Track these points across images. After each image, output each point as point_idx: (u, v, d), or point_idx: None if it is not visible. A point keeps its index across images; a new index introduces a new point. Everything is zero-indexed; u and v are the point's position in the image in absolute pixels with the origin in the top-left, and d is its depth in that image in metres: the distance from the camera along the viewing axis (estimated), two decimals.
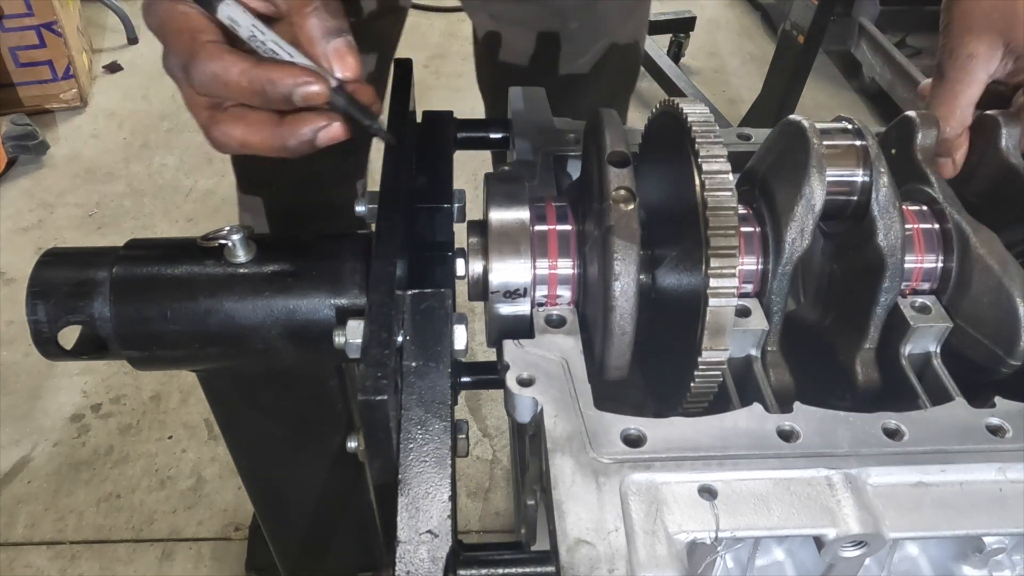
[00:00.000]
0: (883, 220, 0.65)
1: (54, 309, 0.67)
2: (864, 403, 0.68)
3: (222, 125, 0.62)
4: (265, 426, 0.88)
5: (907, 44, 3.05)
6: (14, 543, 1.78)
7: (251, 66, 0.58)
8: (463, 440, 0.61)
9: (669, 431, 0.56)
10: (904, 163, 0.73)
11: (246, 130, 0.61)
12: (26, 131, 2.74)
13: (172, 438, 1.99)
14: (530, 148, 0.82)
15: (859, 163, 0.67)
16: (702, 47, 3.57)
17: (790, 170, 0.65)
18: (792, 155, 0.65)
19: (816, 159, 0.63)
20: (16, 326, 2.21)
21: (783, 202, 0.65)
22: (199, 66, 0.59)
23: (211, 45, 0.59)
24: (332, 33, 0.59)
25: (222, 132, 0.62)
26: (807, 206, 0.63)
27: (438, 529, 0.49)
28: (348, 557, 1.05)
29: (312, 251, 0.72)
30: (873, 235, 0.66)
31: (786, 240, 0.64)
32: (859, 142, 0.67)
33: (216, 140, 0.62)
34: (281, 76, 0.58)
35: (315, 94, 0.58)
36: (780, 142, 0.67)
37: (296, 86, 0.58)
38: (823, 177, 0.63)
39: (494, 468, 1.94)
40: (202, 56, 0.59)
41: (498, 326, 0.67)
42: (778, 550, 0.61)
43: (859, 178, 0.67)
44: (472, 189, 0.67)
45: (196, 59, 0.59)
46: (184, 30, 0.60)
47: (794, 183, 0.64)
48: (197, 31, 0.59)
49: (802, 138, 0.64)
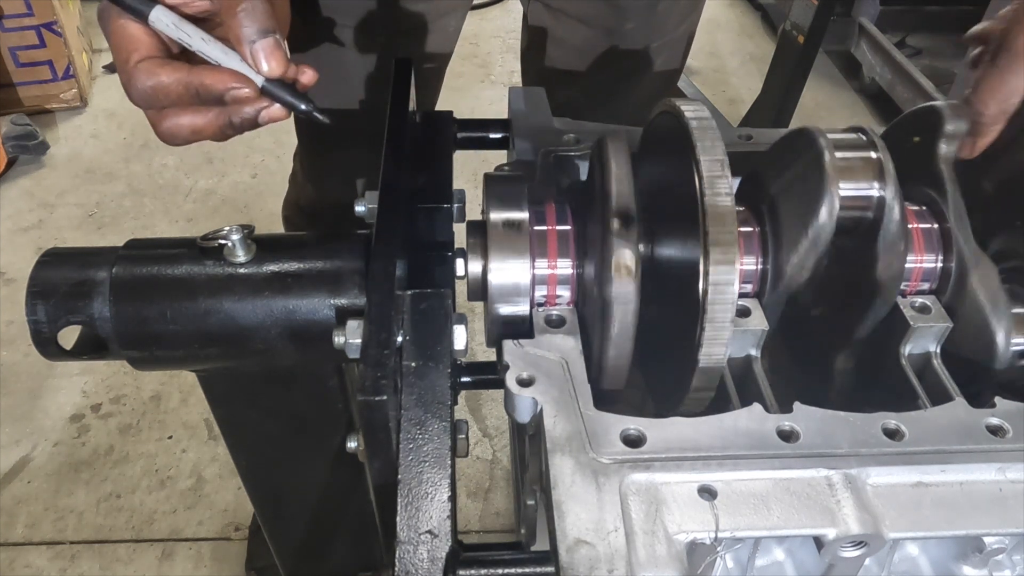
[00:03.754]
0: (885, 257, 0.65)
1: (54, 309, 0.67)
2: (840, 396, 0.69)
3: (170, 118, 0.66)
4: (265, 426, 0.88)
5: (907, 44, 3.05)
6: (14, 543, 1.78)
7: (184, 75, 0.63)
8: (463, 440, 0.61)
9: (669, 431, 0.56)
10: (922, 156, 0.71)
11: (193, 117, 0.66)
12: (26, 131, 2.74)
13: (172, 438, 1.99)
14: (530, 148, 0.82)
15: (873, 184, 0.65)
16: (702, 47, 3.57)
17: (800, 198, 0.64)
18: (803, 184, 0.64)
19: (828, 206, 0.62)
20: (16, 326, 2.21)
21: (789, 233, 0.64)
22: (135, 86, 0.64)
23: (143, 64, 0.64)
24: (259, 33, 0.63)
25: (171, 124, 0.66)
26: (812, 246, 0.63)
27: (438, 529, 0.49)
28: (348, 557, 1.05)
29: (312, 251, 0.72)
30: (872, 266, 0.66)
31: (786, 272, 0.64)
32: (874, 156, 0.66)
33: (167, 132, 0.67)
34: (213, 82, 0.63)
35: (244, 96, 0.63)
36: (794, 161, 0.65)
37: (227, 90, 0.63)
38: (833, 219, 0.62)
39: (494, 468, 1.94)
40: (136, 78, 0.64)
41: (498, 326, 0.67)
42: (778, 550, 0.61)
43: (870, 204, 0.66)
44: (472, 189, 0.67)
45: (131, 81, 0.64)
46: (120, 49, 0.65)
47: (801, 217, 0.63)
48: (131, 50, 0.65)
49: (818, 168, 0.62)
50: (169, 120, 0.66)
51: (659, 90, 1.27)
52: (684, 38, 1.25)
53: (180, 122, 0.66)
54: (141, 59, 0.64)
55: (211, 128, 0.66)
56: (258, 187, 2.72)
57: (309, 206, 1.41)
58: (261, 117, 0.65)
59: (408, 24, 1.11)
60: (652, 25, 1.17)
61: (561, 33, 1.19)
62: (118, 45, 0.65)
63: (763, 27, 3.76)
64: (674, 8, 1.17)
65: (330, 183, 1.33)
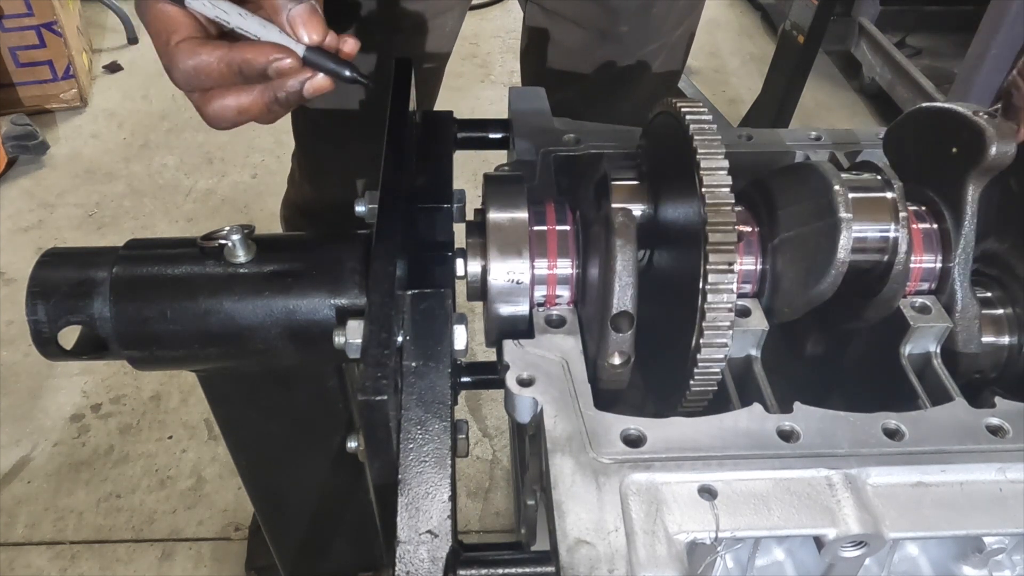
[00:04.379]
0: (875, 311, 0.66)
1: (54, 309, 0.67)
2: None
3: (215, 100, 0.65)
4: (265, 426, 0.88)
5: (907, 44, 3.05)
6: (14, 543, 1.77)
7: (226, 52, 0.63)
8: (463, 440, 0.61)
9: (669, 431, 0.56)
10: (937, 162, 0.69)
11: (238, 96, 0.65)
12: (26, 131, 2.74)
13: (172, 438, 1.99)
14: (530, 148, 0.82)
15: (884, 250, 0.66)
16: (702, 47, 3.57)
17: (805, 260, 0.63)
18: (815, 238, 0.63)
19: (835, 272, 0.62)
20: (16, 326, 2.21)
21: (789, 284, 0.64)
22: (177, 68, 0.64)
23: (184, 44, 0.63)
24: (295, 0, 0.63)
25: (217, 105, 0.66)
26: (809, 302, 0.64)
27: (438, 529, 0.49)
28: (348, 557, 1.05)
29: (312, 251, 0.72)
30: (861, 315, 0.66)
31: (781, 312, 0.65)
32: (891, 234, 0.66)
33: (213, 115, 0.66)
34: (254, 56, 0.62)
35: (287, 67, 0.62)
36: (808, 199, 0.64)
37: (269, 63, 0.62)
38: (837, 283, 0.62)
39: (494, 468, 1.94)
40: (178, 58, 0.63)
41: (498, 326, 0.67)
42: (778, 550, 0.61)
43: (879, 265, 0.66)
44: (472, 189, 0.67)
45: (173, 62, 0.64)
46: (160, 32, 0.65)
47: (802, 277, 0.63)
48: (171, 32, 0.64)
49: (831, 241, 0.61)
50: (215, 102, 0.65)
51: (658, 91, 1.27)
52: (682, 41, 1.25)
53: (226, 103, 0.65)
54: (181, 40, 0.63)
55: (257, 106, 0.65)
56: (258, 187, 2.72)
57: (307, 206, 1.41)
58: (306, 88, 0.64)
59: (406, 23, 1.11)
60: (647, 28, 1.17)
61: (557, 35, 1.20)
62: (157, 29, 0.65)
63: (763, 27, 3.76)
64: (670, 11, 1.17)
65: (327, 182, 1.33)
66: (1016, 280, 0.69)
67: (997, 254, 0.71)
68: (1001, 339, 0.69)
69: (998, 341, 0.69)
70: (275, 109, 0.66)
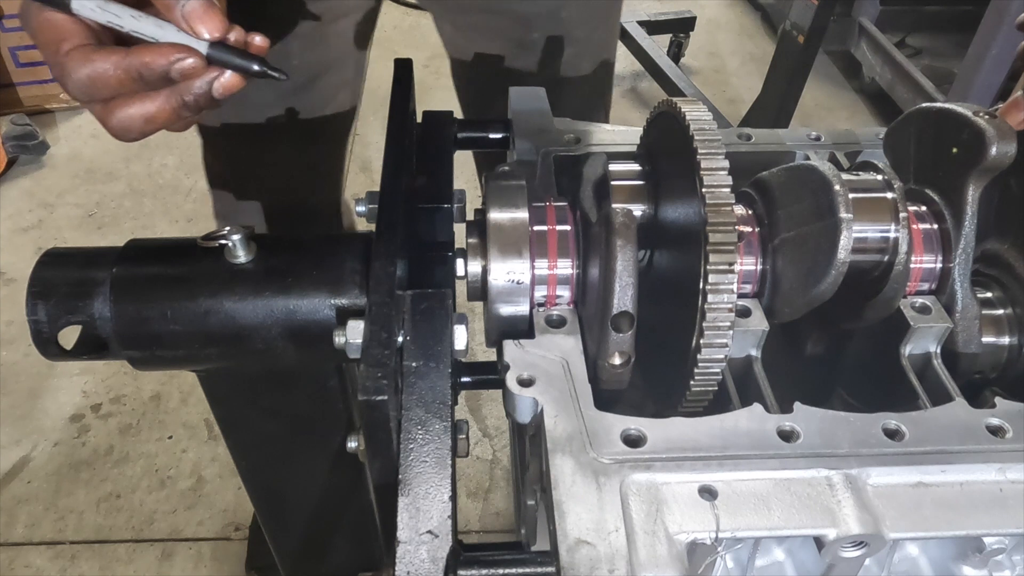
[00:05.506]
0: (874, 312, 0.66)
1: (54, 309, 0.67)
2: None
3: (118, 110, 0.61)
4: (265, 426, 0.88)
5: (907, 44, 3.05)
6: (14, 543, 1.77)
7: (122, 58, 0.58)
8: (463, 440, 0.61)
9: (669, 431, 0.56)
10: (938, 162, 0.69)
11: (143, 104, 0.60)
12: (26, 131, 2.74)
13: (172, 438, 1.99)
14: (530, 148, 0.82)
15: (884, 250, 0.66)
16: (702, 47, 3.57)
17: (804, 263, 0.63)
18: (816, 239, 0.63)
19: (835, 272, 0.61)
20: (16, 326, 2.21)
21: (789, 284, 0.64)
22: (70, 79, 0.59)
23: (75, 52, 0.59)
24: None
25: (122, 116, 0.61)
26: (809, 302, 0.63)
27: (438, 529, 0.49)
28: (348, 557, 1.05)
29: (312, 251, 0.72)
30: (861, 315, 0.66)
31: (782, 312, 0.65)
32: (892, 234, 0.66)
33: (119, 126, 0.62)
34: (153, 58, 0.58)
35: (190, 68, 0.58)
36: (808, 199, 0.64)
37: (170, 64, 0.58)
38: (837, 283, 0.62)
39: (494, 468, 1.94)
40: (70, 68, 0.59)
41: (498, 326, 0.67)
42: (778, 550, 0.61)
43: (880, 266, 0.66)
44: (472, 189, 0.67)
45: (65, 72, 0.59)
46: (49, 43, 0.60)
47: (803, 277, 0.63)
48: (60, 41, 0.59)
49: (831, 245, 0.61)
50: (118, 112, 0.61)
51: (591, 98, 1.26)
52: (601, 46, 1.22)
53: (130, 112, 0.60)
54: (72, 48, 0.59)
55: (165, 113, 0.61)
56: None
57: None
58: (215, 89, 0.60)
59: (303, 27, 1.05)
60: (558, 35, 1.14)
61: (475, 50, 1.18)
62: (46, 39, 0.60)
63: (763, 27, 3.76)
64: (580, 15, 1.14)
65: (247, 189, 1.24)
66: (1016, 280, 0.69)
67: (997, 254, 0.71)
68: (1001, 339, 0.69)
69: (998, 341, 0.69)
70: (184, 115, 0.62)
